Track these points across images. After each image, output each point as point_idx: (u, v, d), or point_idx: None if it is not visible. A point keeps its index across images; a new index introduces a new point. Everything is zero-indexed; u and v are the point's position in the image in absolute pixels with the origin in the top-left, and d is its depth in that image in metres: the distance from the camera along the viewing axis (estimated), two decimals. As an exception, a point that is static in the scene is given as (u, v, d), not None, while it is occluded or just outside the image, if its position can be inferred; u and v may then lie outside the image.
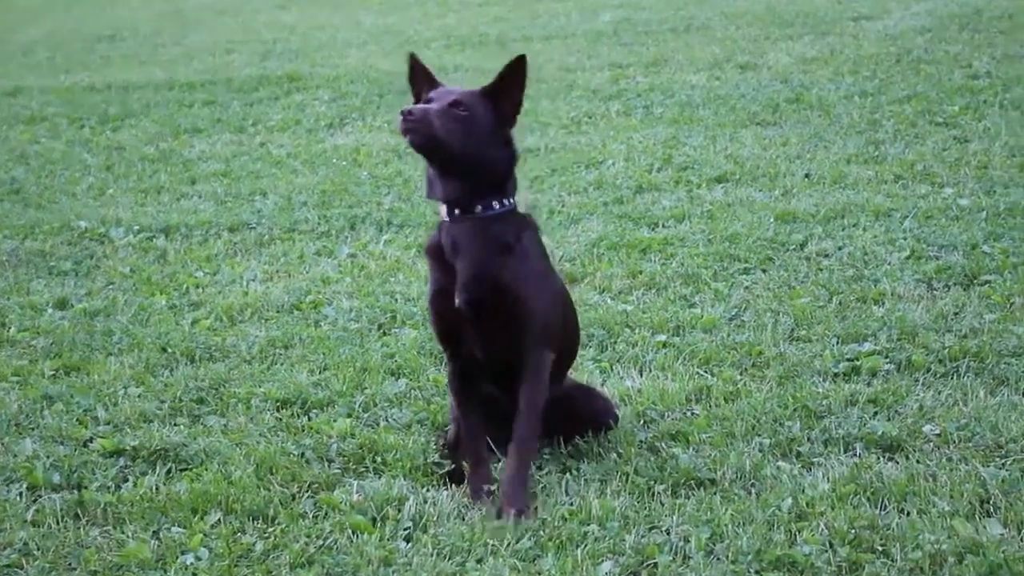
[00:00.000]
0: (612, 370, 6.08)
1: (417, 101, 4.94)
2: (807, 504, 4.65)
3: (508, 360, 4.93)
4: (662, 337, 6.40)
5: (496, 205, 4.87)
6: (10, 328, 6.98)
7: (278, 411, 5.75)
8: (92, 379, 6.17)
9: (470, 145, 4.79)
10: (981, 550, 4.30)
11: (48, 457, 5.26)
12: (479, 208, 4.85)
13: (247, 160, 11.16)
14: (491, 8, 22.63)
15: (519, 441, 4.89)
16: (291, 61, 17.26)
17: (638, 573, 4.35)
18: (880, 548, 4.37)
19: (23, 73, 17.48)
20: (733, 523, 4.54)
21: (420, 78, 5.01)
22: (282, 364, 6.31)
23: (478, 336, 4.89)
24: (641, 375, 6.01)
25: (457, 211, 4.86)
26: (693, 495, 4.80)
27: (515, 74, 4.88)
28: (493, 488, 4.87)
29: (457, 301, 4.83)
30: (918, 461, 4.97)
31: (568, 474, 5.04)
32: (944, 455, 5.03)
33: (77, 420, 5.69)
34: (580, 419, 5.28)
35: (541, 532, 4.56)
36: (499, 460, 5.06)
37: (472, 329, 4.89)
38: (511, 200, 4.92)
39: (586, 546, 4.45)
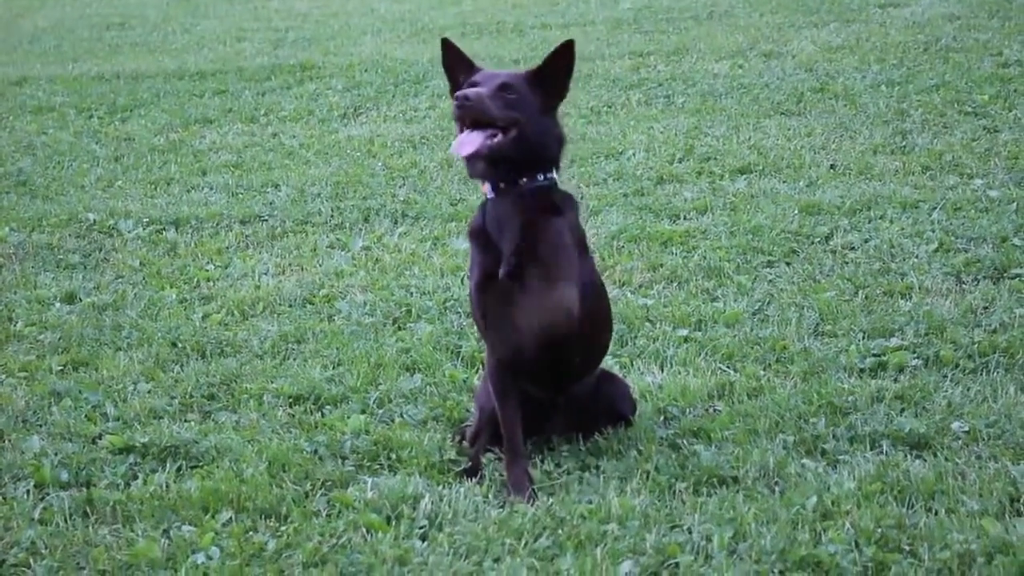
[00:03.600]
0: (632, 365, 6.01)
1: (455, 87, 4.90)
2: (832, 503, 4.57)
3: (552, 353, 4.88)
4: (684, 332, 6.34)
5: (540, 177, 4.84)
6: (17, 322, 6.93)
7: (291, 407, 5.69)
8: (101, 375, 6.12)
9: (523, 128, 4.74)
10: (1011, 550, 4.22)
11: (56, 454, 5.22)
12: (523, 181, 4.81)
13: (259, 151, 11.10)
14: (508, -6, 22.59)
15: None
16: (304, 49, 17.21)
17: (659, 573, 4.29)
18: (907, 548, 4.30)
19: (30, 62, 17.43)
20: (756, 522, 4.47)
21: (456, 63, 4.97)
22: (295, 359, 6.25)
23: (520, 315, 4.79)
24: (662, 370, 5.94)
25: (502, 185, 4.81)
26: (715, 493, 4.73)
27: (562, 59, 4.85)
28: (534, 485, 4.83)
29: (500, 273, 4.76)
30: (946, 459, 4.89)
31: (587, 472, 4.97)
32: (973, 453, 4.95)
33: (85, 416, 5.63)
34: (600, 402, 5.19)
35: (559, 531, 4.48)
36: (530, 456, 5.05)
37: (513, 307, 4.79)
38: (553, 175, 4.88)
39: (606, 545, 4.38)
